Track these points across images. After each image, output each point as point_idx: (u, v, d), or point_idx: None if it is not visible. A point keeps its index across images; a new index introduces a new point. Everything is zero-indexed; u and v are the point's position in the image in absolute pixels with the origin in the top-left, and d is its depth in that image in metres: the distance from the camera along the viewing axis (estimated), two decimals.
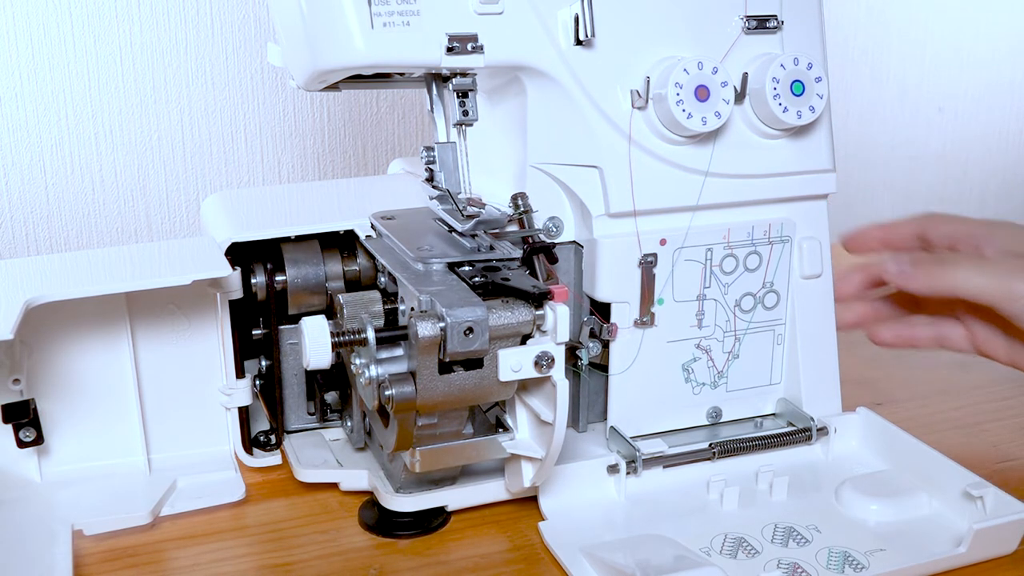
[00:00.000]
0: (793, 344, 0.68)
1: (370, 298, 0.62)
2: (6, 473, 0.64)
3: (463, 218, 0.59)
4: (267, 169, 1.05)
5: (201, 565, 0.58)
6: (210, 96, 1.01)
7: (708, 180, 0.64)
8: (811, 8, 0.66)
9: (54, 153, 0.97)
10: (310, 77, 0.59)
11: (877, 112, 1.36)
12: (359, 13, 0.56)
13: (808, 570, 0.56)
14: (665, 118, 0.62)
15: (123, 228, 1.02)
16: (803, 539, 0.59)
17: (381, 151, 1.09)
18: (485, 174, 0.65)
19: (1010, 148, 1.47)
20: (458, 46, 0.57)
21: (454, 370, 0.54)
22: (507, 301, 0.54)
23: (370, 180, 0.82)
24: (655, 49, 0.63)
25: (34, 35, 0.94)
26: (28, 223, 0.98)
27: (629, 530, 0.59)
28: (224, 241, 0.64)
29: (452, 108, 0.60)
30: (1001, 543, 0.58)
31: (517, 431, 0.59)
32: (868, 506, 0.61)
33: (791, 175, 0.66)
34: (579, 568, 0.55)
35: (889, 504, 0.61)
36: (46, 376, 0.64)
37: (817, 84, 0.63)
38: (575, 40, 0.60)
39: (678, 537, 0.58)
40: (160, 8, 0.97)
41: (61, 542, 0.58)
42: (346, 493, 0.64)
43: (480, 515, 0.62)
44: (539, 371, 0.54)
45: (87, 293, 0.59)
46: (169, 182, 1.02)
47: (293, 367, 0.69)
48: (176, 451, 0.67)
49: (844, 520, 0.61)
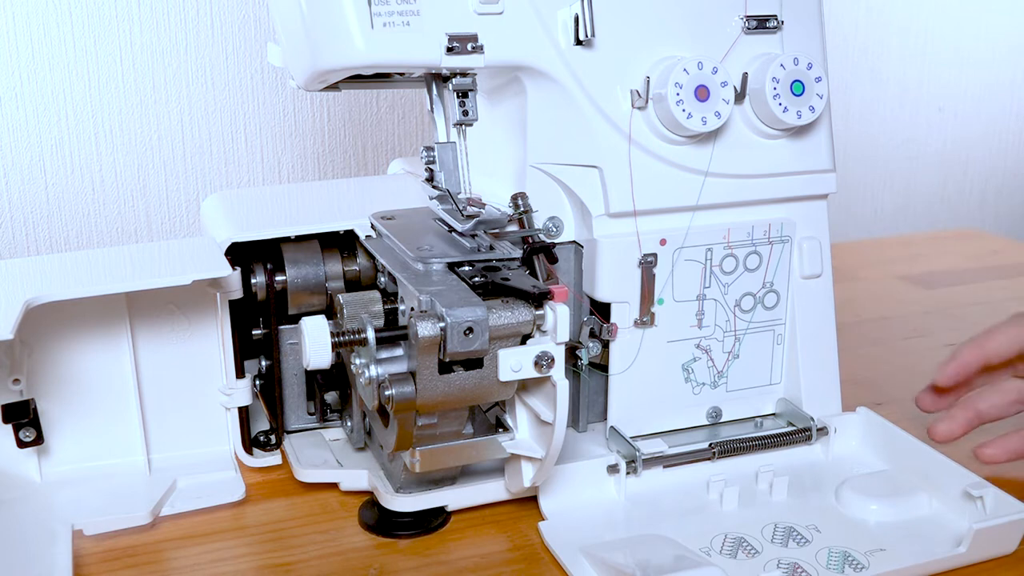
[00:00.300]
0: (793, 344, 0.68)
1: (370, 298, 0.62)
2: (6, 473, 0.64)
3: (463, 218, 0.59)
4: (267, 169, 1.05)
5: (201, 565, 0.58)
6: (210, 96, 1.01)
7: (708, 180, 0.64)
8: (811, 8, 0.66)
9: (54, 153, 0.97)
10: (310, 77, 0.59)
11: (877, 112, 1.36)
12: (359, 13, 0.56)
13: (808, 570, 0.56)
14: (665, 118, 0.62)
15: (123, 228, 1.02)
16: (803, 539, 0.59)
17: (381, 151, 1.09)
18: (485, 174, 0.65)
19: (1010, 148, 1.47)
20: (458, 46, 0.57)
21: (454, 370, 0.54)
22: (507, 301, 0.54)
23: (370, 180, 0.82)
24: (655, 49, 0.63)
25: (34, 35, 0.94)
26: (28, 223, 0.98)
27: (629, 530, 0.59)
28: (224, 241, 0.64)
29: (452, 108, 0.60)
30: (1001, 543, 0.58)
31: (517, 431, 0.59)
32: (868, 506, 0.61)
33: (791, 175, 0.66)
34: (579, 568, 0.55)
35: (889, 504, 0.61)
36: (46, 376, 0.64)
37: (817, 84, 0.63)
38: (575, 40, 0.60)
39: (678, 537, 0.58)
40: (160, 8, 0.97)
41: (61, 542, 0.58)
42: (346, 493, 0.64)
43: (480, 515, 0.62)
44: (539, 371, 0.54)
45: (87, 293, 0.59)
46: (169, 182, 1.02)
47: (293, 367, 0.69)
48: (176, 451, 0.67)
49: (844, 520, 0.61)
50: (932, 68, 1.37)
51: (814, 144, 0.67)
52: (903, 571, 0.55)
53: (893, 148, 1.38)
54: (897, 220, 1.42)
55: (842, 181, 0.67)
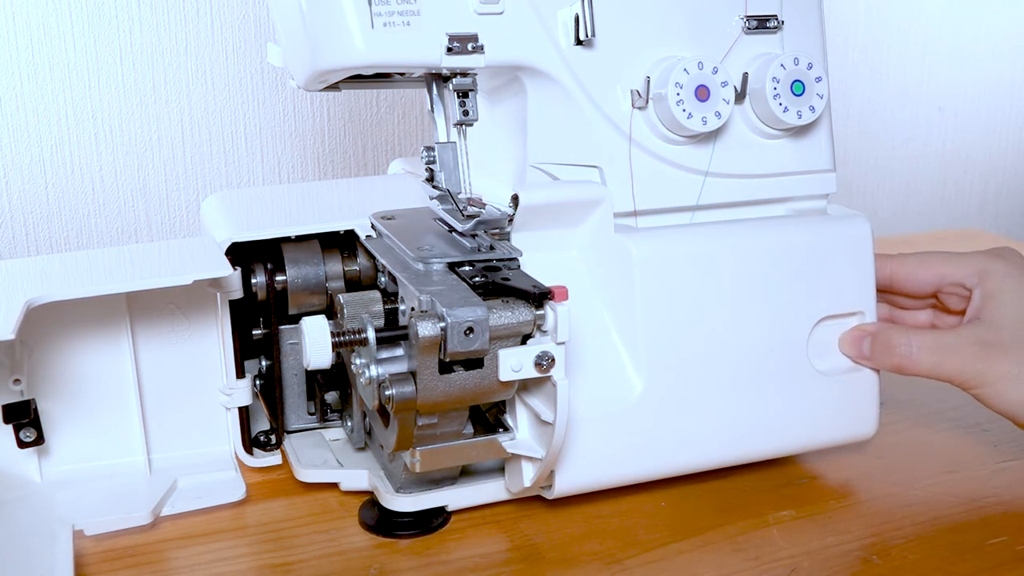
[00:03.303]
0: None
1: (370, 298, 0.62)
2: (6, 473, 0.64)
3: (463, 218, 0.59)
4: (267, 169, 1.05)
5: (201, 565, 0.58)
6: (210, 96, 1.01)
7: (708, 180, 0.64)
8: (811, 8, 0.66)
9: (54, 153, 0.97)
10: (310, 77, 0.59)
11: (877, 112, 1.36)
12: (359, 13, 0.56)
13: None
14: (665, 118, 0.62)
15: (123, 228, 1.02)
16: None
17: (381, 151, 1.09)
18: (485, 174, 0.65)
19: (1010, 148, 1.47)
20: (458, 46, 0.57)
21: (454, 370, 0.54)
22: (507, 301, 0.54)
23: (370, 180, 0.82)
24: (655, 49, 0.63)
25: (34, 35, 0.94)
26: (28, 223, 0.98)
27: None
28: (224, 241, 0.64)
29: (452, 108, 0.60)
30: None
31: (517, 431, 0.59)
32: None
33: (791, 175, 0.66)
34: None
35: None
36: (46, 376, 0.64)
37: (817, 84, 0.63)
38: (575, 40, 0.60)
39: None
40: (160, 8, 0.97)
41: (61, 542, 0.58)
42: (346, 493, 0.64)
43: (480, 515, 0.62)
44: (539, 371, 0.54)
45: (88, 293, 0.59)
46: (169, 182, 1.02)
47: (293, 367, 0.69)
48: (176, 451, 0.67)
49: None
50: (932, 68, 1.37)
51: (814, 144, 0.67)
52: None
53: (893, 148, 1.38)
54: (897, 220, 1.42)
55: (842, 181, 0.67)
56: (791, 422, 0.64)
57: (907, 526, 0.61)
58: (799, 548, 0.59)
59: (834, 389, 0.65)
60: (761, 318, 0.62)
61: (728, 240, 0.62)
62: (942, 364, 0.62)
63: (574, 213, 0.61)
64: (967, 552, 0.59)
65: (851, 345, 0.64)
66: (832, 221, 0.65)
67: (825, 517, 0.62)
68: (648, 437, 0.61)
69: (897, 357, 0.63)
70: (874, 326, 0.65)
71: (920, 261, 0.68)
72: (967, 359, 0.62)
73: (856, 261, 0.65)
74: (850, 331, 0.65)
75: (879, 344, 0.64)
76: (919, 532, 0.61)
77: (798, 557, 0.58)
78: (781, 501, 0.64)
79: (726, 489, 0.65)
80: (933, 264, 0.67)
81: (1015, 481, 0.66)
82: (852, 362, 0.65)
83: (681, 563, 0.57)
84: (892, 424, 0.73)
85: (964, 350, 0.62)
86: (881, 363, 0.64)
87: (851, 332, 0.65)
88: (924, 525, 0.61)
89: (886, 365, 0.64)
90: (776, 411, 0.64)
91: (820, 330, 0.64)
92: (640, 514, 0.62)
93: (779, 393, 0.63)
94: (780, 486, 0.66)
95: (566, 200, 0.60)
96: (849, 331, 0.65)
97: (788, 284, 0.63)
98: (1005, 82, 1.43)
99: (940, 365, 0.63)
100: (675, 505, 0.63)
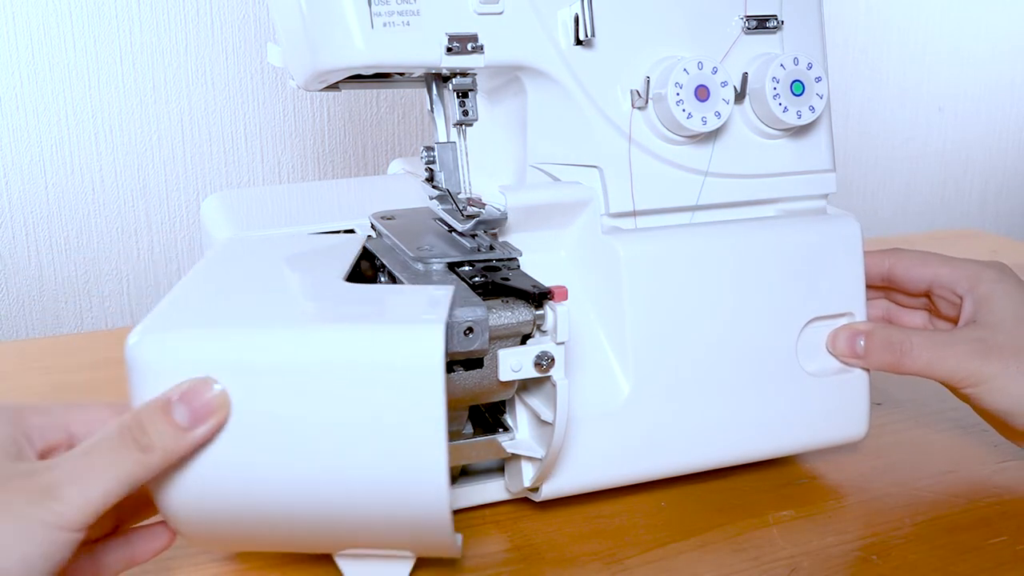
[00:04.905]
0: None
1: None
2: None
3: (463, 218, 0.59)
4: (267, 169, 1.05)
5: (201, 565, 0.58)
6: (210, 96, 1.01)
7: (708, 180, 0.64)
8: (811, 8, 0.66)
9: (54, 153, 0.97)
10: (310, 77, 0.59)
11: (877, 112, 1.36)
12: (359, 13, 0.56)
13: None
14: (665, 118, 0.62)
15: (123, 228, 1.02)
16: None
17: (381, 151, 1.10)
18: (485, 174, 0.65)
19: (1010, 148, 1.47)
20: (458, 46, 0.57)
21: (454, 370, 0.54)
22: (507, 301, 0.54)
23: (370, 180, 0.82)
24: (655, 49, 0.63)
25: (34, 35, 0.94)
26: (28, 223, 0.98)
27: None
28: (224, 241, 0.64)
29: (452, 108, 0.60)
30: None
31: (517, 431, 0.59)
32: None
33: (791, 175, 0.66)
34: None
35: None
36: None
37: (817, 84, 0.63)
38: (575, 40, 0.60)
39: None
40: (160, 8, 0.97)
41: None
42: None
43: (480, 515, 0.62)
44: (539, 371, 0.54)
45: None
46: (169, 182, 1.02)
47: None
48: None
49: None
50: (932, 68, 1.37)
51: (814, 144, 0.67)
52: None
53: (893, 148, 1.39)
54: (897, 220, 1.42)
55: (842, 181, 0.67)
56: (781, 424, 0.64)
57: (907, 526, 0.61)
58: (799, 548, 0.59)
59: (823, 391, 0.64)
60: (749, 319, 0.62)
61: (716, 241, 0.62)
62: (937, 362, 0.63)
63: (562, 214, 0.61)
64: (967, 552, 0.58)
65: (845, 343, 0.64)
66: (821, 221, 0.65)
67: (825, 517, 0.62)
68: (636, 439, 0.60)
69: (894, 354, 0.63)
70: (867, 325, 0.65)
71: (918, 258, 0.68)
72: (962, 357, 0.62)
73: (846, 262, 0.65)
74: (841, 329, 0.65)
75: (876, 341, 0.64)
76: (919, 532, 0.61)
77: (798, 557, 0.58)
78: (781, 501, 0.64)
79: (726, 489, 0.65)
80: (931, 263, 0.67)
81: (1015, 481, 0.66)
82: (841, 362, 0.65)
83: (681, 563, 0.57)
84: (892, 424, 0.74)
85: (960, 348, 0.62)
86: (876, 360, 0.64)
87: (843, 330, 0.65)
88: (924, 525, 0.61)
89: (881, 362, 0.64)
90: (766, 413, 0.63)
91: (809, 331, 0.64)
92: (640, 514, 0.62)
93: (768, 395, 0.63)
94: (780, 486, 0.66)
95: (553, 201, 0.60)
96: (840, 329, 0.65)
97: (777, 285, 0.63)
98: (1005, 82, 1.43)
99: (935, 363, 0.63)
100: (675, 505, 0.63)
